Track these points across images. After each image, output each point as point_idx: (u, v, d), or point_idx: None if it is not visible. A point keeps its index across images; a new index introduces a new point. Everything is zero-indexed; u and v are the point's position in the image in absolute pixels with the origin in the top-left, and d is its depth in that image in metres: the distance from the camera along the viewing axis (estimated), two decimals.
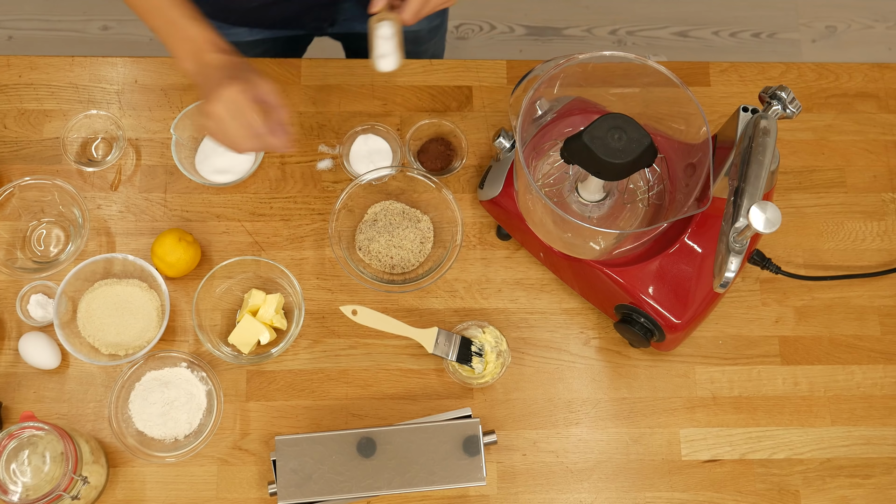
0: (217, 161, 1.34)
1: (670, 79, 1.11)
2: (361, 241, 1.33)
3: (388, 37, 1.16)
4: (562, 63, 1.14)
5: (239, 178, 1.32)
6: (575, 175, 1.19)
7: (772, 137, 1.07)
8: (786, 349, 1.32)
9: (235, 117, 1.02)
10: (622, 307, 1.21)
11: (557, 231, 1.19)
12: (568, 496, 1.26)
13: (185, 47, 1.07)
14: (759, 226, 0.98)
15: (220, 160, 1.34)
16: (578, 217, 1.19)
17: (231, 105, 1.02)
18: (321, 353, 1.30)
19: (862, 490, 1.27)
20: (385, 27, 1.16)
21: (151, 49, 2.42)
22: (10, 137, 1.36)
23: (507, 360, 1.26)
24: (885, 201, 1.38)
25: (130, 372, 1.24)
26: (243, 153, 1.07)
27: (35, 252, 1.32)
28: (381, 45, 1.17)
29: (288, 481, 1.15)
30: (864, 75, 1.44)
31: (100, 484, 1.21)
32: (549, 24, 2.51)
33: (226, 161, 1.33)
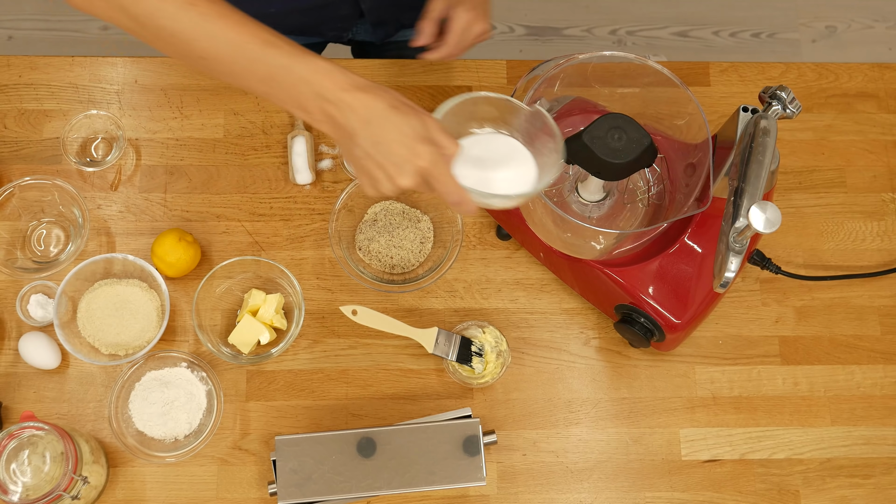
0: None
1: (670, 79, 1.11)
2: (361, 241, 1.33)
3: (300, 153, 1.31)
4: (562, 63, 1.14)
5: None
6: (575, 175, 1.19)
7: (772, 137, 1.07)
8: (786, 349, 1.32)
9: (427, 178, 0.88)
10: (622, 307, 1.21)
11: (557, 231, 1.19)
12: (568, 496, 1.26)
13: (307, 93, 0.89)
14: (759, 226, 0.98)
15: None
16: (578, 217, 1.19)
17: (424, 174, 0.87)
18: (321, 353, 1.30)
19: (862, 490, 1.27)
20: (299, 143, 1.32)
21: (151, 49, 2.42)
22: (10, 137, 1.36)
23: (507, 360, 1.26)
24: (885, 201, 1.38)
25: (130, 372, 1.24)
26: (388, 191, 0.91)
27: (35, 252, 1.32)
28: (296, 161, 1.32)
29: (288, 481, 1.15)
30: (864, 75, 1.44)
31: (100, 484, 1.21)
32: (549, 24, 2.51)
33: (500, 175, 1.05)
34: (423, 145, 0.86)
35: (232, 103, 1.38)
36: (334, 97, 0.87)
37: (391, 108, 0.86)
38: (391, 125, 0.86)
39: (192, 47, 0.89)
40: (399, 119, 0.86)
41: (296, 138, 1.33)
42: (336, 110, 0.87)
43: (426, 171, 0.88)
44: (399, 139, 0.86)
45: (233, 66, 0.89)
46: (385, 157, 0.87)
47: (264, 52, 0.88)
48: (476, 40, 1.20)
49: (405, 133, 0.86)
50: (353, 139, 0.88)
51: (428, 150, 0.86)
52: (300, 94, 0.88)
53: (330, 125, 0.89)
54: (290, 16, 1.37)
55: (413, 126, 0.86)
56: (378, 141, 0.87)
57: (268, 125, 1.38)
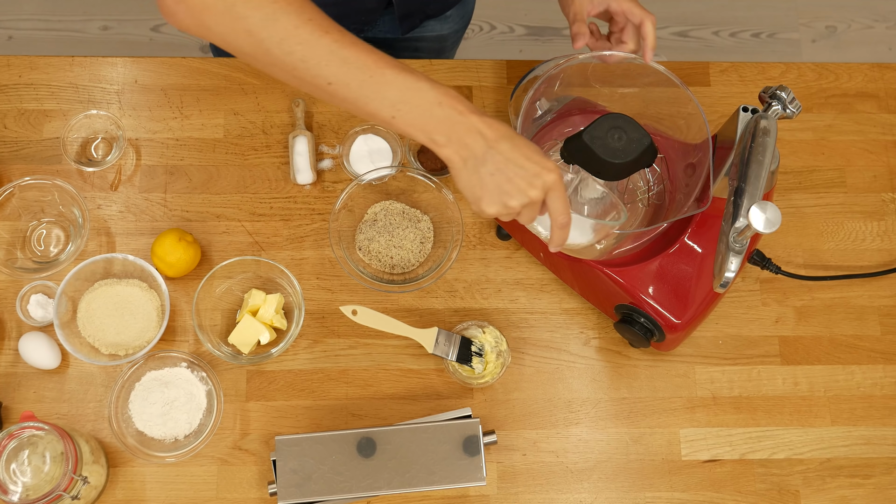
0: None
1: (670, 79, 1.11)
2: (361, 241, 1.33)
3: (302, 152, 1.33)
4: (562, 63, 1.14)
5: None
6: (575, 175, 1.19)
7: (772, 137, 1.07)
8: (786, 349, 1.32)
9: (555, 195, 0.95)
10: (622, 307, 1.21)
11: None
12: (568, 496, 1.26)
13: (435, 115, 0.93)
14: (759, 226, 0.98)
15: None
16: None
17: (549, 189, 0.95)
18: (321, 353, 1.30)
19: (862, 490, 1.27)
20: (300, 143, 1.33)
21: (151, 49, 2.43)
22: (10, 137, 1.36)
23: (507, 360, 1.26)
24: (885, 201, 1.38)
25: (130, 372, 1.24)
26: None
27: (35, 252, 1.32)
28: (297, 161, 1.33)
29: (288, 481, 1.15)
30: (864, 75, 1.44)
31: (100, 484, 1.21)
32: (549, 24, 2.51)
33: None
34: (550, 162, 0.94)
35: (232, 103, 1.38)
36: (465, 120, 0.93)
37: (513, 132, 0.94)
38: (519, 144, 0.93)
39: (322, 72, 0.92)
40: (522, 141, 0.94)
41: (297, 138, 1.33)
42: (466, 132, 0.93)
43: (552, 185, 0.95)
44: (528, 156, 0.93)
45: (361, 90, 0.93)
46: (516, 172, 0.93)
47: (398, 75, 0.93)
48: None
49: (533, 150, 0.94)
50: (481, 159, 0.93)
51: (555, 167, 0.94)
52: (431, 117, 0.93)
53: (455, 147, 0.94)
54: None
55: (534, 148, 0.95)
56: (509, 158, 0.93)
57: (268, 125, 1.38)
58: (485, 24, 2.50)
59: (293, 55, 0.92)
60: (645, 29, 1.11)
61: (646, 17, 1.11)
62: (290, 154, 1.34)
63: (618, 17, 1.14)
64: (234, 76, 1.39)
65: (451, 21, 1.52)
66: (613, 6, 1.13)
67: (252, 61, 0.95)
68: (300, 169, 1.33)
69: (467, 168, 0.94)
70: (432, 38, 1.54)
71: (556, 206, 0.97)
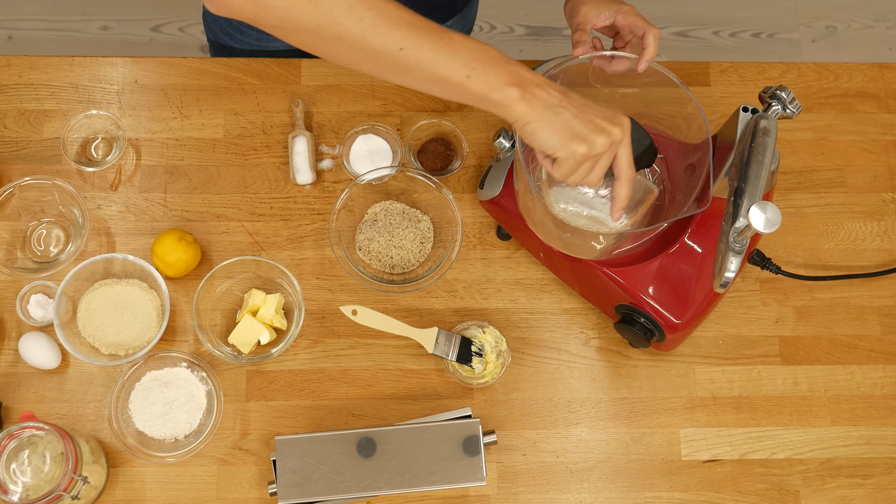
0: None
1: (670, 79, 1.11)
2: (361, 241, 1.33)
3: (301, 152, 1.33)
4: (562, 63, 1.14)
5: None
6: None
7: (772, 137, 1.07)
8: (786, 349, 1.32)
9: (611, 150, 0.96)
10: (622, 307, 1.21)
11: (557, 231, 1.19)
12: (568, 496, 1.26)
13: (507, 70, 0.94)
14: (759, 226, 0.98)
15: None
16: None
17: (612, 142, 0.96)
18: (321, 353, 1.30)
19: (862, 490, 1.27)
20: (300, 143, 1.33)
21: (151, 49, 2.43)
22: (10, 137, 1.36)
23: (507, 360, 1.26)
24: (885, 201, 1.38)
25: (130, 372, 1.24)
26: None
27: (35, 252, 1.32)
28: (297, 161, 1.33)
29: (288, 481, 1.15)
30: (864, 75, 1.44)
31: (100, 484, 1.21)
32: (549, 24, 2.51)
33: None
34: (618, 110, 0.95)
35: (232, 103, 1.38)
36: (534, 78, 0.94)
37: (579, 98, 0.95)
38: (585, 97, 0.95)
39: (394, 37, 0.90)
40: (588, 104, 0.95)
41: (297, 138, 1.33)
42: (537, 87, 0.93)
43: (627, 129, 0.96)
44: (597, 106, 0.95)
45: (434, 52, 0.92)
46: (596, 113, 0.94)
47: (463, 38, 0.94)
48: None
49: (597, 103, 0.95)
50: (556, 108, 0.93)
51: (622, 114, 0.95)
52: (505, 73, 0.93)
53: (530, 101, 0.93)
54: None
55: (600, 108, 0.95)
56: (586, 104, 0.95)
57: (268, 125, 1.38)
58: (485, 24, 2.50)
59: (363, 22, 0.89)
60: (647, 40, 1.11)
61: (649, 30, 1.11)
62: (289, 154, 1.34)
63: (623, 31, 1.14)
64: (234, 76, 1.39)
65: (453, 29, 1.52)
66: (620, 20, 1.13)
67: (312, 39, 0.91)
68: (300, 169, 1.33)
69: (547, 117, 0.93)
70: None
71: (624, 156, 0.97)
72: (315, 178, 1.34)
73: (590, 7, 1.13)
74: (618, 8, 1.12)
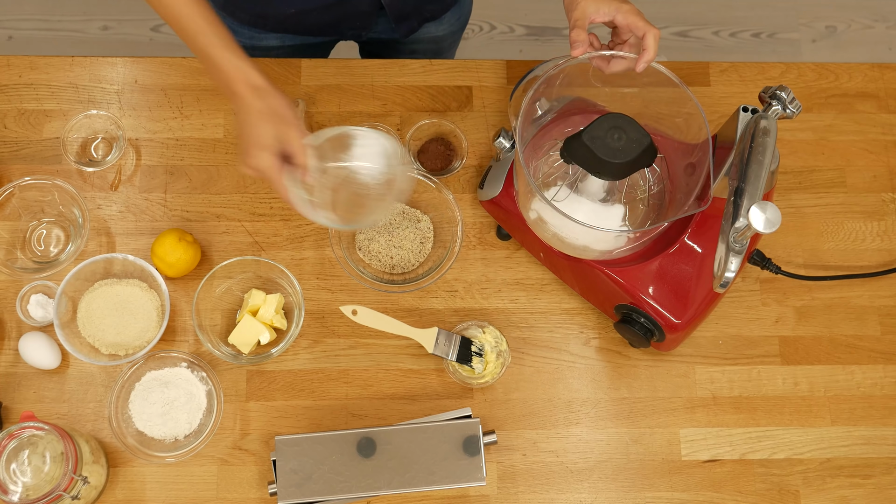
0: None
1: (670, 79, 1.11)
2: (361, 241, 1.33)
3: None
4: (561, 63, 1.14)
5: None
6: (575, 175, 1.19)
7: (772, 137, 1.07)
8: (786, 349, 1.32)
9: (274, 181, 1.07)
10: (622, 307, 1.21)
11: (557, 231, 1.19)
12: (568, 496, 1.26)
13: (219, 80, 1.07)
14: (759, 226, 0.98)
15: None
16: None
17: (267, 174, 1.06)
18: (321, 353, 1.30)
19: (862, 490, 1.27)
20: None
21: (151, 49, 2.42)
22: (10, 137, 1.36)
23: (507, 360, 1.26)
24: (885, 201, 1.38)
25: (130, 372, 1.24)
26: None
27: (35, 252, 1.32)
28: None
29: (288, 481, 1.15)
30: (864, 75, 1.44)
31: (100, 484, 1.21)
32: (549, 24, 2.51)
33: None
34: (264, 153, 1.04)
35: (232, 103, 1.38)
36: (234, 88, 1.06)
37: (259, 113, 1.04)
38: (250, 127, 1.05)
39: (162, 11, 1.07)
40: (259, 125, 1.04)
41: None
42: (233, 97, 1.06)
43: (261, 172, 1.06)
44: (251, 140, 1.05)
45: (183, 36, 1.08)
46: (241, 146, 1.07)
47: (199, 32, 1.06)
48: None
49: (257, 137, 1.04)
50: (237, 120, 1.07)
51: (266, 158, 1.04)
52: (218, 76, 1.07)
53: (233, 106, 1.08)
54: (309, 15, 1.37)
55: (266, 135, 1.04)
56: (241, 134, 1.06)
57: None
58: (485, 24, 2.50)
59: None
60: (647, 41, 1.10)
61: (649, 31, 1.10)
62: None
63: (622, 30, 1.13)
64: None
65: (447, 23, 1.53)
66: (619, 19, 1.12)
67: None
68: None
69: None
70: (428, 40, 1.54)
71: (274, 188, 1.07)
72: None
73: (589, 2, 1.12)
74: (618, 6, 1.11)
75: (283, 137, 1.04)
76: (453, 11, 1.51)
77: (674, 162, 1.20)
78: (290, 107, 1.05)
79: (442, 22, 1.51)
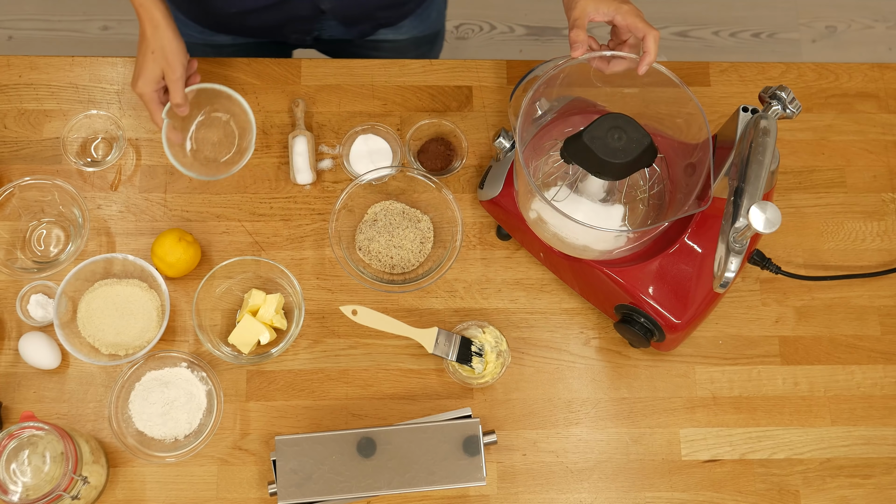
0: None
1: (670, 79, 1.11)
2: (361, 241, 1.33)
3: (302, 152, 1.33)
4: (561, 63, 1.14)
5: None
6: (575, 175, 1.19)
7: (772, 137, 1.07)
8: (786, 349, 1.32)
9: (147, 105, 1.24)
10: (622, 307, 1.21)
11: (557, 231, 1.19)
12: (568, 496, 1.26)
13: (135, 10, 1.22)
14: (759, 226, 0.98)
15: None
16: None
17: (143, 98, 1.23)
18: (321, 353, 1.30)
19: (862, 490, 1.27)
20: (300, 143, 1.33)
21: None
22: (10, 137, 1.36)
23: (507, 360, 1.26)
24: (885, 201, 1.38)
25: (130, 372, 1.24)
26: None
27: (35, 252, 1.32)
28: (297, 161, 1.33)
29: (288, 481, 1.15)
30: (864, 75, 1.44)
31: (100, 484, 1.21)
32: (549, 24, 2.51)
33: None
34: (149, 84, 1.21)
35: None
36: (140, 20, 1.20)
37: (151, 49, 1.20)
38: (143, 58, 1.21)
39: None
40: (149, 57, 1.20)
41: (297, 138, 1.33)
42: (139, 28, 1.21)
43: (142, 98, 1.22)
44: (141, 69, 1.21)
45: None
46: (135, 70, 1.22)
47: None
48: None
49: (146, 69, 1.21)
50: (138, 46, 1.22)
51: (149, 88, 1.21)
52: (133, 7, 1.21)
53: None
54: (250, 16, 1.37)
55: (153, 69, 1.21)
56: (137, 60, 1.22)
57: (268, 125, 1.38)
58: (485, 24, 2.50)
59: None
60: (647, 44, 1.10)
61: (649, 33, 1.10)
62: (289, 154, 1.34)
63: (622, 30, 1.12)
64: (234, 76, 1.39)
65: (407, 31, 1.51)
66: (619, 20, 1.11)
67: None
68: (300, 169, 1.33)
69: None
70: (390, 47, 1.53)
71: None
72: (315, 178, 1.34)
73: (589, 1, 1.11)
74: (617, 7, 1.11)
75: (166, 74, 1.20)
76: (414, 20, 1.49)
77: (674, 162, 1.20)
78: (179, 49, 1.20)
79: (401, 29, 1.50)
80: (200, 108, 1.29)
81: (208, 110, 1.30)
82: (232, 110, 1.28)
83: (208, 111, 1.30)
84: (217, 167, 1.29)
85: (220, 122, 1.30)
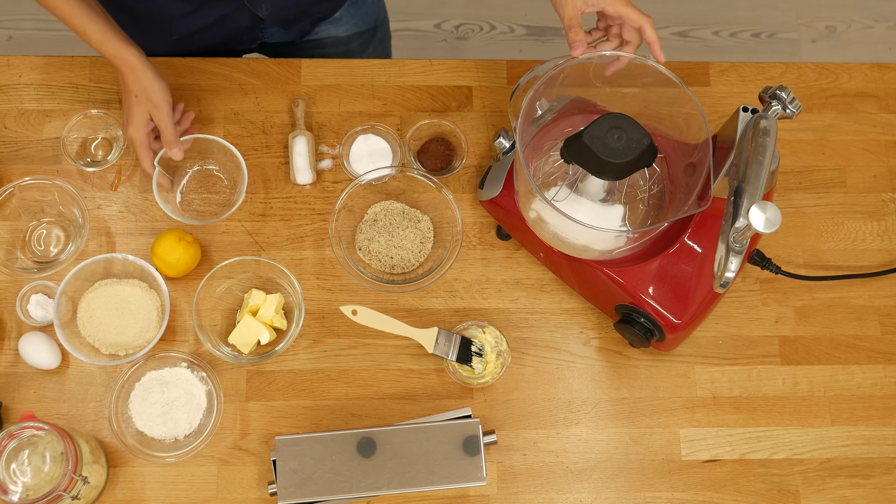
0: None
1: (670, 79, 1.11)
2: (361, 241, 1.33)
3: (302, 152, 1.33)
4: (561, 63, 1.14)
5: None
6: (575, 175, 1.19)
7: (772, 137, 1.07)
8: (786, 349, 1.32)
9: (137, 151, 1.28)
10: (622, 307, 1.21)
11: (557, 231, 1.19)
12: (568, 496, 1.26)
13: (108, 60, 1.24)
14: (759, 226, 0.98)
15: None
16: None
17: (133, 144, 1.27)
18: (321, 353, 1.30)
19: (862, 490, 1.27)
20: (300, 143, 1.33)
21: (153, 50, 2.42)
22: (10, 137, 1.36)
23: (507, 360, 1.26)
24: (885, 201, 1.38)
25: (130, 372, 1.24)
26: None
27: (35, 252, 1.32)
28: (297, 161, 1.33)
29: (288, 481, 1.15)
30: (864, 75, 1.44)
31: (100, 484, 1.21)
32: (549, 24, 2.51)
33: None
34: (139, 128, 1.25)
35: (232, 103, 1.38)
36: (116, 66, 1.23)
37: (135, 95, 1.23)
38: (129, 104, 1.24)
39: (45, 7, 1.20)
40: (135, 103, 1.24)
41: (297, 138, 1.33)
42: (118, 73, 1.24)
43: (132, 143, 1.27)
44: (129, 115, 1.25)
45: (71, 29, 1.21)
46: (124, 116, 1.26)
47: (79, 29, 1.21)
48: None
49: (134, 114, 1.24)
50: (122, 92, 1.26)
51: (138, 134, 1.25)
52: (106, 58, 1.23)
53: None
54: (192, 39, 1.37)
55: (140, 113, 1.24)
56: (124, 105, 1.25)
57: (268, 125, 1.38)
58: (485, 24, 2.50)
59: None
60: (647, 33, 1.10)
61: (644, 21, 1.10)
62: (290, 154, 1.34)
63: (613, 20, 1.13)
64: (234, 76, 1.39)
65: (346, 23, 1.51)
66: (609, 10, 1.12)
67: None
68: (300, 169, 1.33)
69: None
70: (333, 42, 1.52)
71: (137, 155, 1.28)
72: (315, 178, 1.34)
73: None
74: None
75: (153, 115, 1.23)
76: (350, 10, 1.49)
77: (674, 162, 1.20)
78: (161, 88, 1.23)
79: (339, 22, 1.49)
80: (193, 162, 1.34)
81: (201, 164, 1.34)
82: (224, 163, 1.33)
83: (202, 164, 1.34)
84: (205, 217, 1.33)
85: (211, 175, 1.34)
